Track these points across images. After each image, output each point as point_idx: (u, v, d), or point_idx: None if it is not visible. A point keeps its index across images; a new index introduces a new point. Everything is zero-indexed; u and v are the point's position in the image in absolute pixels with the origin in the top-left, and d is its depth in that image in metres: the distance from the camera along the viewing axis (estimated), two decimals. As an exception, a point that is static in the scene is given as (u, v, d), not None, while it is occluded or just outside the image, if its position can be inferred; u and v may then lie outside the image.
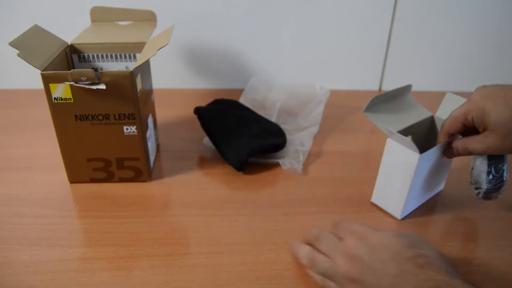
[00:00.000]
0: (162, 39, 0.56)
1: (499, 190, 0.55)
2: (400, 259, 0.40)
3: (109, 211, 0.59)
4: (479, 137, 0.51)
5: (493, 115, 0.48)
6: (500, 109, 0.48)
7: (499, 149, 0.50)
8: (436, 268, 0.39)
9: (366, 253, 0.42)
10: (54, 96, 0.56)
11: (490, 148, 0.50)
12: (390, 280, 0.39)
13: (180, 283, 0.48)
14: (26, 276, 0.48)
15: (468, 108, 0.51)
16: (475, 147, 0.51)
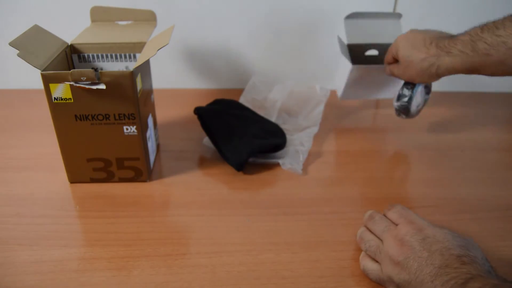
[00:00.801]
0: (162, 39, 0.56)
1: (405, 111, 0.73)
2: (448, 254, 0.41)
3: (109, 211, 0.59)
4: (396, 65, 0.71)
5: (400, 52, 0.68)
6: (406, 48, 0.66)
7: (403, 76, 0.70)
8: (478, 266, 0.39)
9: (418, 242, 0.43)
10: (54, 96, 0.56)
11: (398, 74, 0.70)
12: (432, 271, 0.40)
13: (180, 283, 0.48)
14: (26, 276, 0.48)
15: (393, 44, 0.70)
16: (394, 71, 0.72)
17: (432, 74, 0.64)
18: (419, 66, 0.64)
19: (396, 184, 0.67)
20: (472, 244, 0.43)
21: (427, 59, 0.63)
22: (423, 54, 0.63)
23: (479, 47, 0.58)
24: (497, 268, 0.48)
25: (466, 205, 0.61)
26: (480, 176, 0.68)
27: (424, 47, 0.64)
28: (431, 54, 0.63)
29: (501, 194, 0.64)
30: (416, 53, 0.64)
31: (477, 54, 0.58)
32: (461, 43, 0.60)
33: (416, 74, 0.66)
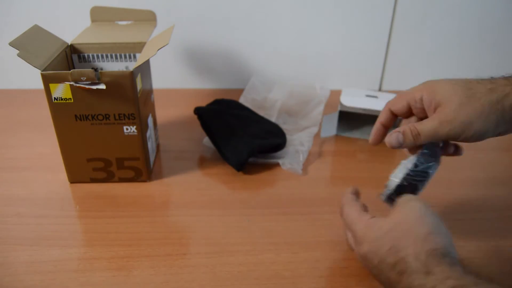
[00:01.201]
0: (162, 39, 0.56)
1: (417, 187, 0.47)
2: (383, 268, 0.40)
3: (109, 211, 0.59)
4: (429, 118, 0.44)
5: (445, 89, 0.44)
6: (450, 86, 0.44)
7: (453, 123, 0.42)
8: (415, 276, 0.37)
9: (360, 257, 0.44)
10: (54, 96, 0.56)
11: (443, 123, 0.42)
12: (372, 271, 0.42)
13: (180, 283, 0.48)
14: (26, 276, 0.48)
15: (416, 88, 0.46)
16: (426, 127, 0.44)
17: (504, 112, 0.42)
18: (485, 99, 0.41)
19: (396, 184, 0.67)
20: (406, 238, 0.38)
21: (496, 89, 0.42)
22: (489, 84, 0.43)
23: None
24: (497, 268, 0.49)
25: (466, 205, 0.61)
26: (480, 176, 0.68)
27: (483, 80, 0.44)
28: (501, 83, 0.43)
29: (501, 194, 0.64)
30: (474, 85, 0.43)
31: None
32: None
33: (477, 114, 0.41)
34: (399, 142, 0.45)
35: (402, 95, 0.47)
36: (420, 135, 0.44)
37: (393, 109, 0.48)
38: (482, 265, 0.51)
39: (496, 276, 0.49)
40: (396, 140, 0.45)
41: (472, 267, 0.51)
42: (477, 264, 0.51)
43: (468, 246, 0.54)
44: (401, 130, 0.45)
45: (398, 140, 0.45)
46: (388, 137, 0.46)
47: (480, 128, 0.42)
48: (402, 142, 0.45)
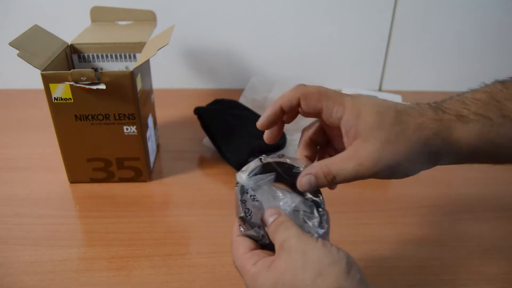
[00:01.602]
0: (162, 39, 0.56)
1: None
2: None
3: (109, 211, 0.59)
4: (346, 153, 0.36)
5: (371, 118, 0.35)
6: (378, 116, 0.36)
7: (377, 165, 0.35)
8: None
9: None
10: (54, 96, 0.56)
11: (364, 165, 0.35)
12: None
13: (180, 283, 0.48)
14: (26, 276, 0.48)
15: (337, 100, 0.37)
16: (342, 170, 0.36)
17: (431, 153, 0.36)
18: (414, 138, 0.35)
19: (396, 184, 0.67)
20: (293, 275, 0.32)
21: (426, 125, 0.36)
22: (418, 118, 0.36)
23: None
24: (497, 268, 0.49)
25: (466, 205, 0.61)
26: (480, 176, 0.68)
27: (412, 109, 0.37)
28: (430, 117, 0.36)
29: (501, 194, 0.64)
30: (404, 118, 0.36)
31: (510, 121, 0.36)
32: (476, 104, 0.37)
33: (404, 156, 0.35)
34: (311, 186, 0.38)
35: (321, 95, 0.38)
36: (335, 178, 0.37)
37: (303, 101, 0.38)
38: (482, 265, 0.51)
39: (496, 277, 0.49)
40: (308, 184, 0.38)
41: (472, 267, 0.51)
42: (477, 264, 0.51)
43: (468, 246, 0.54)
44: (313, 172, 0.37)
45: (310, 184, 0.38)
46: (299, 181, 0.38)
47: (406, 170, 0.37)
48: (315, 185, 0.38)
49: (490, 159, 0.39)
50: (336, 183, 0.37)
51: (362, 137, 0.35)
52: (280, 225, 0.35)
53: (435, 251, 0.53)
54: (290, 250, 0.33)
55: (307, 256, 0.32)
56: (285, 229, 0.34)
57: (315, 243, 0.33)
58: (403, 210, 0.60)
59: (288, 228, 0.34)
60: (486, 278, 0.49)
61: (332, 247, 0.33)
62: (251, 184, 0.39)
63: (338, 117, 0.37)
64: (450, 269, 0.50)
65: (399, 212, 0.60)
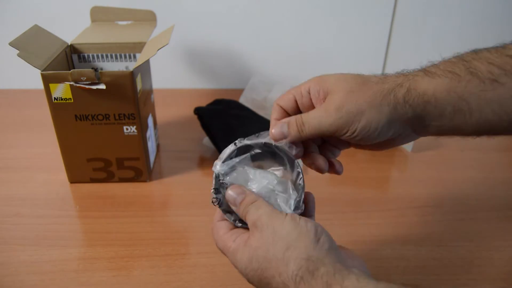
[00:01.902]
0: (162, 39, 0.56)
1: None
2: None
3: (109, 211, 0.59)
4: (317, 107, 0.39)
5: (334, 78, 0.39)
6: (340, 75, 0.39)
7: (341, 110, 0.36)
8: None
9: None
10: (54, 96, 0.56)
11: (329, 111, 0.37)
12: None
13: (180, 283, 0.48)
14: (26, 276, 0.48)
15: (304, 82, 0.41)
16: (310, 116, 0.38)
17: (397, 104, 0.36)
18: (377, 88, 0.37)
19: (396, 184, 0.67)
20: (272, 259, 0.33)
21: (389, 79, 0.38)
22: (382, 77, 0.39)
23: (481, 69, 0.36)
24: (497, 268, 0.49)
25: (466, 205, 0.61)
26: (480, 176, 0.68)
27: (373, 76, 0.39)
28: (394, 76, 0.39)
29: (501, 194, 0.64)
30: (367, 76, 0.39)
31: (477, 78, 0.36)
32: (445, 64, 0.38)
33: (368, 102, 0.36)
34: (283, 134, 0.39)
35: (289, 90, 0.41)
36: (304, 125, 0.38)
37: (281, 104, 0.41)
38: (482, 265, 0.51)
39: (496, 276, 0.49)
40: (279, 131, 0.39)
41: (472, 267, 0.51)
42: (477, 264, 0.51)
43: (468, 246, 0.54)
44: (286, 120, 0.39)
45: (282, 131, 0.39)
46: (272, 129, 0.40)
47: (371, 119, 0.36)
48: (287, 134, 0.39)
49: (462, 122, 0.37)
50: (305, 132, 0.38)
51: (330, 94, 0.38)
52: (250, 205, 0.36)
53: (435, 251, 0.53)
54: (262, 228, 0.35)
55: (276, 232, 0.34)
56: (255, 208, 0.36)
57: (284, 219, 0.34)
58: (403, 210, 0.60)
59: (258, 207, 0.36)
60: (486, 278, 0.49)
61: (300, 220, 0.34)
62: (224, 170, 0.39)
63: (307, 91, 0.39)
64: (450, 269, 0.50)
65: (399, 212, 0.60)
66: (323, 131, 0.38)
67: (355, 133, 0.37)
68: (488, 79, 0.35)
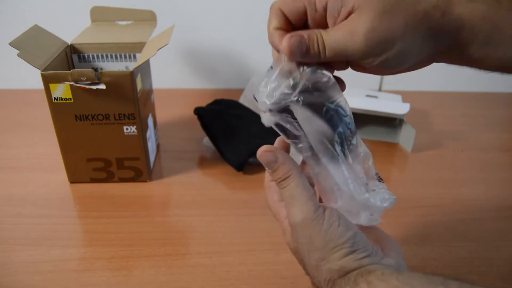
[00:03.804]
0: (162, 39, 0.56)
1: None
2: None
3: (109, 211, 0.59)
4: (340, 24, 0.31)
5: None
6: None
7: (371, 36, 0.30)
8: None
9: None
10: (54, 96, 0.56)
11: (356, 35, 0.30)
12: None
13: (180, 283, 0.48)
14: (26, 276, 0.48)
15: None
16: (334, 41, 0.31)
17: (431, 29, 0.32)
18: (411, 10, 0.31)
19: (396, 184, 0.67)
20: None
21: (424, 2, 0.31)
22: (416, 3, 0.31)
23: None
24: (497, 268, 0.49)
25: (466, 205, 0.61)
26: (480, 176, 0.68)
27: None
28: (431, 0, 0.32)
29: (501, 194, 0.64)
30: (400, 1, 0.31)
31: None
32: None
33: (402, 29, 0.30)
34: (302, 50, 0.32)
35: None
36: (326, 47, 0.31)
37: (285, 10, 0.33)
38: (482, 265, 0.51)
39: (496, 276, 0.49)
40: (298, 46, 0.31)
41: (472, 267, 0.51)
42: (477, 264, 0.51)
43: (468, 246, 0.54)
44: (306, 34, 0.31)
45: (301, 48, 0.31)
46: (287, 40, 0.32)
47: (403, 48, 0.31)
48: (305, 52, 0.32)
49: (488, 53, 0.34)
50: (325, 57, 0.32)
51: (355, 10, 0.31)
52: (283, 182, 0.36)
53: (435, 251, 0.53)
54: (298, 233, 0.35)
55: (313, 243, 0.34)
56: (290, 196, 0.35)
57: (321, 227, 0.33)
58: (403, 210, 0.60)
59: (292, 195, 0.35)
60: (486, 278, 0.49)
61: (339, 227, 0.33)
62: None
63: (323, 6, 0.32)
64: (450, 269, 0.50)
65: (399, 212, 0.59)
66: (347, 57, 0.32)
67: (383, 62, 0.32)
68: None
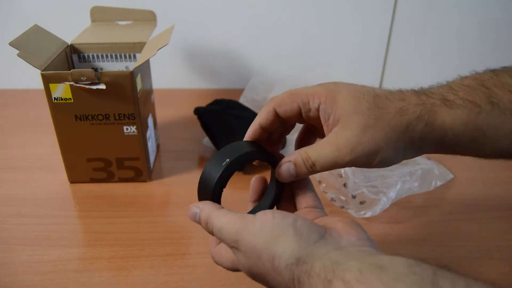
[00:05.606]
0: (162, 39, 0.56)
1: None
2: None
3: (109, 211, 0.59)
4: (325, 139, 0.35)
5: (348, 103, 0.34)
6: (355, 100, 0.34)
7: (356, 151, 0.33)
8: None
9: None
10: (54, 96, 0.56)
11: (343, 151, 0.33)
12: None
13: (180, 283, 0.48)
14: (26, 276, 0.48)
15: (312, 90, 0.36)
16: (322, 156, 0.34)
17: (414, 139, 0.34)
18: (394, 123, 0.33)
19: (396, 184, 0.67)
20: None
21: (407, 109, 0.34)
22: (399, 102, 0.35)
23: (502, 99, 0.34)
24: (497, 268, 0.49)
25: (466, 205, 0.61)
26: (480, 176, 0.68)
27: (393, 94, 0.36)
28: (412, 102, 0.35)
29: (501, 194, 0.64)
30: (383, 102, 0.34)
31: (498, 109, 0.34)
32: (464, 91, 0.35)
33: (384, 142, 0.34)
34: (291, 175, 0.36)
35: (293, 95, 0.37)
36: (315, 165, 0.35)
37: (279, 110, 0.37)
38: (482, 265, 0.51)
39: (496, 276, 0.49)
40: (287, 172, 0.36)
41: (472, 267, 0.51)
42: (477, 264, 0.51)
43: (468, 246, 0.54)
44: (292, 159, 0.35)
45: (290, 173, 0.36)
46: (278, 170, 0.36)
47: (386, 157, 0.34)
48: (295, 175, 0.36)
49: (476, 150, 0.36)
50: (315, 171, 0.35)
51: (341, 123, 0.34)
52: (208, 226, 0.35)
53: (435, 251, 0.53)
54: (240, 249, 0.32)
55: (255, 247, 0.31)
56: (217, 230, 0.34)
57: (254, 229, 0.31)
58: (403, 210, 0.60)
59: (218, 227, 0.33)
60: (486, 278, 0.49)
61: (274, 219, 0.31)
62: None
63: (316, 108, 0.36)
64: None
65: (399, 212, 0.60)
66: (336, 168, 0.35)
67: (369, 167, 0.35)
68: (509, 110, 0.34)
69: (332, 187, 0.62)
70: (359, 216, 0.57)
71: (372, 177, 0.62)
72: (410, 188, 0.61)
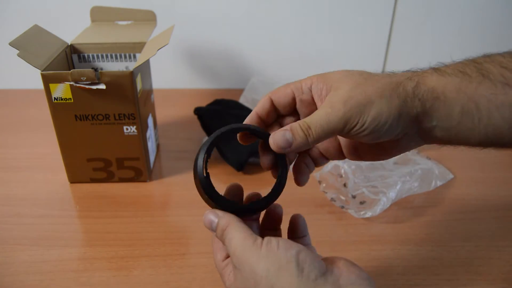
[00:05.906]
0: (162, 39, 0.56)
1: None
2: None
3: (109, 211, 0.59)
4: (320, 106, 0.36)
5: (339, 74, 0.36)
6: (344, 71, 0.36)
7: (348, 102, 0.33)
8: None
9: None
10: (54, 96, 0.56)
11: (335, 106, 0.33)
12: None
13: (180, 283, 0.48)
14: (26, 276, 0.48)
15: (304, 79, 0.38)
16: (315, 116, 0.34)
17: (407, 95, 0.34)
18: (385, 81, 0.34)
19: (396, 184, 0.67)
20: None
21: (396, 75, 0.36)
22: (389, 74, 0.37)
23: (493, 72, 0.35)
24: (497, 268, 0.49)
25: (466, 205, 0.61)
26: (481, 176, 0.68)
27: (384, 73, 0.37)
28: (402, 73, 0.37)
29: (501, 194, 0.64)
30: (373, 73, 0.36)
31: (489, 80, 0.34)
32: (455, 65, 0.38)
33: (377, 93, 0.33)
34: (288, 141, 0.34)
35: (287, 84, 0.38)
36: (310, 128, 0.33)
37: (274, 97, 0.38)
38: (482, 264, 0.51)
39: (496, 277, 0.49)
40: (283, 139, 0.34)
41: (472, 267, 0.51)
42: (477, 264, 0.51)
43: (468, 246, 0.54)
44: (288, 127, 0.34)
45: (286, 139, 0.34)
46: (273, 137, 0.35)
47: (381, 110, 0.33)
48: (292, 141, 0.34)
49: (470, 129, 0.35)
50: (313, 137, 0.34)
51: (332, 88, 0.35)
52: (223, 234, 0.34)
53: (435, 251, 0.53)
54: (240, 268, 0.32)
55: (255, 272, 0.31)
56: (228, 240, 0.34)
57: (259, 253, 0.31)
58: (403, 210, 0.60)
59: (230, 238, 0.33)
60: (486, 278, 0.49)
61: (279, 249, 0.31)
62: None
63: (309, 88, 0.37)
64: (450, 269, 0.50)
65: (399, 212, 0.60)
66: (332, 129, 0.33)
67: (365, 125, 0.33)
68: (500, 83, 0.34)
69: (332, 187, 0.62)
70: (359, 216, 0.57)
71: (372, 177, 0.62)
72: (410, 188, 0.61)
